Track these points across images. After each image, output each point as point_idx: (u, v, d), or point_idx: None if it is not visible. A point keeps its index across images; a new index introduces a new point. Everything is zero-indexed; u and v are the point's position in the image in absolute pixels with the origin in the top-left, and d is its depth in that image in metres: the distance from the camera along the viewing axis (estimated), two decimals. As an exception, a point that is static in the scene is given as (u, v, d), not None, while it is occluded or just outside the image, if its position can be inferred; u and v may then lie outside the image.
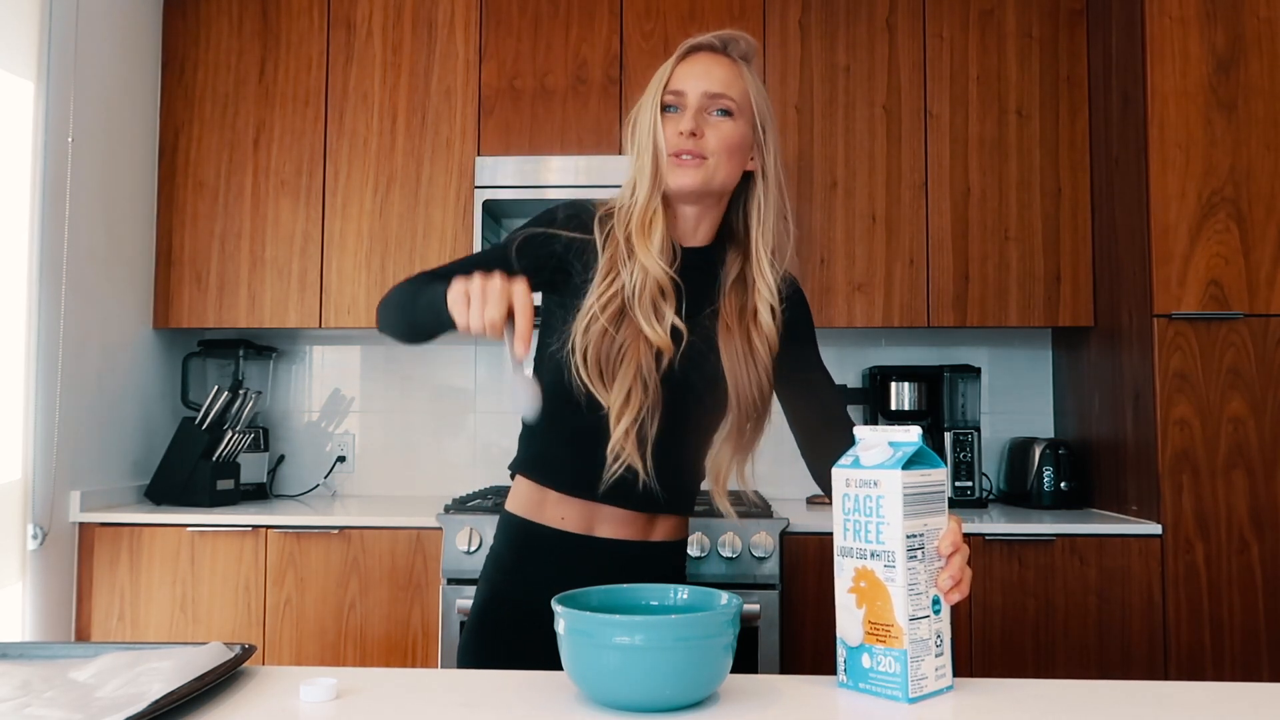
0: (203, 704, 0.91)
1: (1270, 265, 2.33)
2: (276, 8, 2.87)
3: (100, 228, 2.62)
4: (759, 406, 1.30)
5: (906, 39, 2.78)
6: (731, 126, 1.29)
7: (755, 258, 1.31)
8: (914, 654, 0.93)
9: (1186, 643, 2.29)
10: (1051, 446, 2.69)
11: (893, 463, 0.96)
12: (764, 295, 1.30)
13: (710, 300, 1.31)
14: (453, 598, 2.32)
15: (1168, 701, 0.94)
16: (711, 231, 1.34)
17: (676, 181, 1.27)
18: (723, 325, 1.30)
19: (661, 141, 1.27)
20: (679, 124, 1.27)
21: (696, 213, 1.32)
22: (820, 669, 2.30)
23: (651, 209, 1.27)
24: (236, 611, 2.47)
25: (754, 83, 1.33)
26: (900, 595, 0.94)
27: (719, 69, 1.30)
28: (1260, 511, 2.29)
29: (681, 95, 1.28)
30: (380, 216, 2.81)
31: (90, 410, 2.57)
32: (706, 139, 1.27)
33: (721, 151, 1.27)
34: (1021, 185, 2.73)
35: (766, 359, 1.29)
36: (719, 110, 1.28)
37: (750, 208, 1.33)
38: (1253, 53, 2.36)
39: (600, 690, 0.90)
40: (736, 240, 1.35)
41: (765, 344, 1.29)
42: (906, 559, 0.94)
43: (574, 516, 1.31)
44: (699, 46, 1.31)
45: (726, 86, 1.29)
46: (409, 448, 3.10)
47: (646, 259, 1.24)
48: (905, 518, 0.94)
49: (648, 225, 1.26)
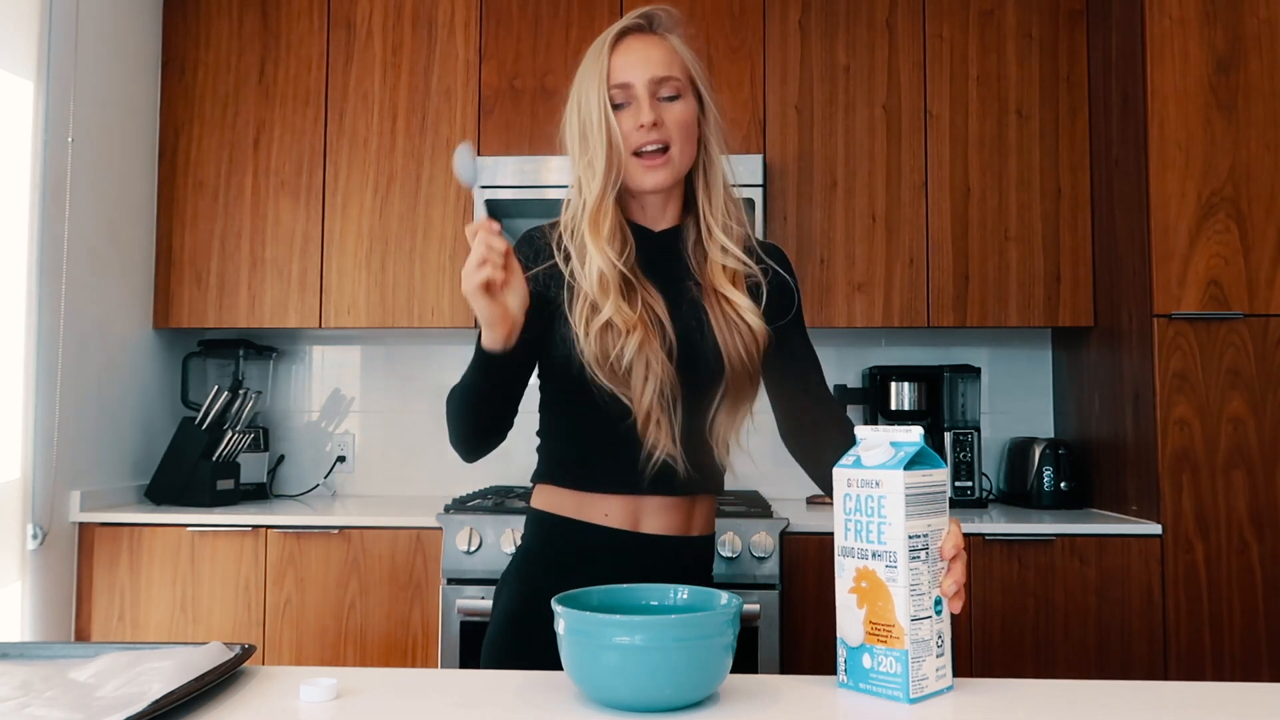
0: (203, 704, 0.91)
1: (1270, 265, 2.33)
2: (276, 8, 2.87)
3: (100, 228, 2.62)
4: (750, 370, 1.29)
5: (906, 39, 2.78)
6: (682, 107, 1.28)
7: (706, 224, 1.32)
8: (915, 654, 0.93)
9: (1186, 643, 2.29)
10: (1051, 446, 2.69)
11: (895, 463, 0.96)
12: (723, 258, 1.30)
13: (689, 275, 1.32)
14: (453, 598, 2.31)
15: (1168, 701, 0.94)
16: (678, 210, 1.36)
17: (650, 183, 1.27)
18: (706, 295, 1.30)
19: (619, 137, 1.25)
20: (636, 117, 1.25)
21: (662, 198, 1.33)
22: (820, 669, 2.30)
23: (604, 208, 1.26)
24: (236, 611, 2.47)
25: (686, 53, 1.31)
26: (902, 596, 0.94)
27: (655, 50, 1.28)
28: (1260, 511, 2.29)
29: (628, 88, 1.26)
30: (380, 216, 2.81)
31: (90, 410, 2.57)
32: (666, 126, 1.26)
33: (680, 136, 1.27)
34: (1021, 185, 2.73)
35: (748, 321, 1.28)
36: (667, 95, 1.27)
37: (696, 178, 1.34)
38: (1252, 53, 2.37)
39: (600, 690, 0.90)
40: (694, 211, 1.35)
41: (744, 307, 1.28)
42: (909, 559, 0.94)
43: (618, 512, 1.29)
44: (627, 30, 1.29)
45: (668, 68, 1.27)
46: (409, 448, 3.10)
47: (598, 255, 1.24)
48: (908, 518, 0.94)
49: (599, 221, 1.25)
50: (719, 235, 1.30)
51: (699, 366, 1.28)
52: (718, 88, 2.76)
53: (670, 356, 1.25)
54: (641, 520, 1.30)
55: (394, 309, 2.79)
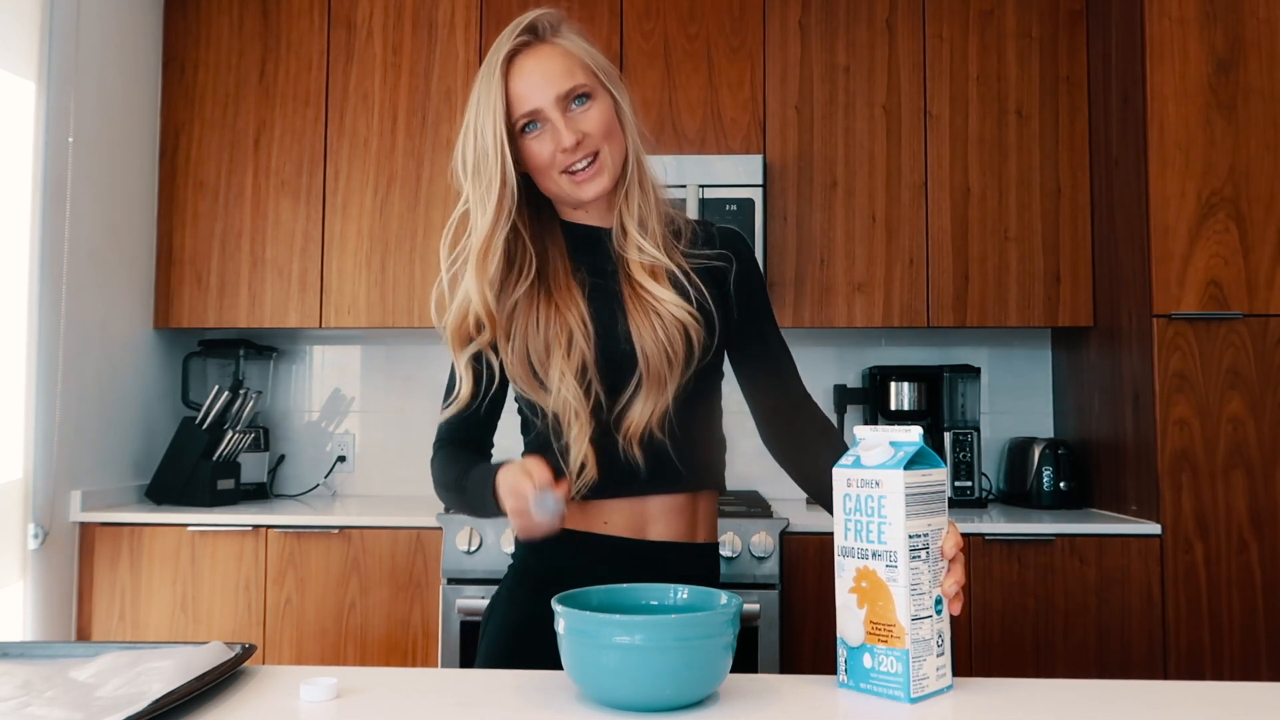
0: (203, 704, 0.91)
1: (1269, 265, 2.33)
2: (277, 8, 2.87)
3: (101, 228, 2.62)
4: (670, 358, 1.22)
5: (906, 39, 2.78)
6: (597, 110, 1.22)
7: (621, 225, 1.27)
8: (916, 654, 0.93)
9: (1186, 643, 2.29)
10: (1051, 446, 2.69)
11: (895, 463, 0.96)
12: (639, 256, 1.25)
13: (615, 270, 1.28)
14: (453, 598, 2.32)
15: (1167, 701, 0.94)
16: None
17: (589, 193, 1.23)
18: (625, 288, 1.26)
19: (511, 171, 1.20)
20: (557, 140, 1.20)
21: (603, 200, 1.28)
22: (820, 669, 2.30)
23: (493, 246, 1.21)
24: (237, 611, 2.47)
25: (582, 48, 1.24)
26: (903, 595, 0.94)
27: (552, 63, 1.21)
28: (1259, 511, 2.29)
29: (537, 112, 1.21)
30: (380, 216, 2.81)
31: (91, 410, 2.57)
32: (589, 135, 1.21)
33: (604, 137, 1.22)
34: (1021, 185, 2.73)
35: (670, 310, 1.22)
36: (577, 101, 1.22)
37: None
38: (1252, 54, 2.37)
39: (600, 690, 0.90)
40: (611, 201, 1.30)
41: (664, 299, 1.22)
42: (909, 559, 0.94)
43: (619, 518, 1.25)
44: (515, 51, 1.22)
45: (570, 76, 1.21)
46: (409, 448, 3.10)
47: (474, 290, 1.21)
48: (908, 518, 0.94)
49: (485, 262, 1.21)
50: (634, 235, 1.25)
51: (617, 359, 1.23)
52: (718, 88, 2.76)
53: (586, 357, 1.22)
54: (648, 526, 1.26)
55: (394, 309, 2.79)
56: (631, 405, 1.22)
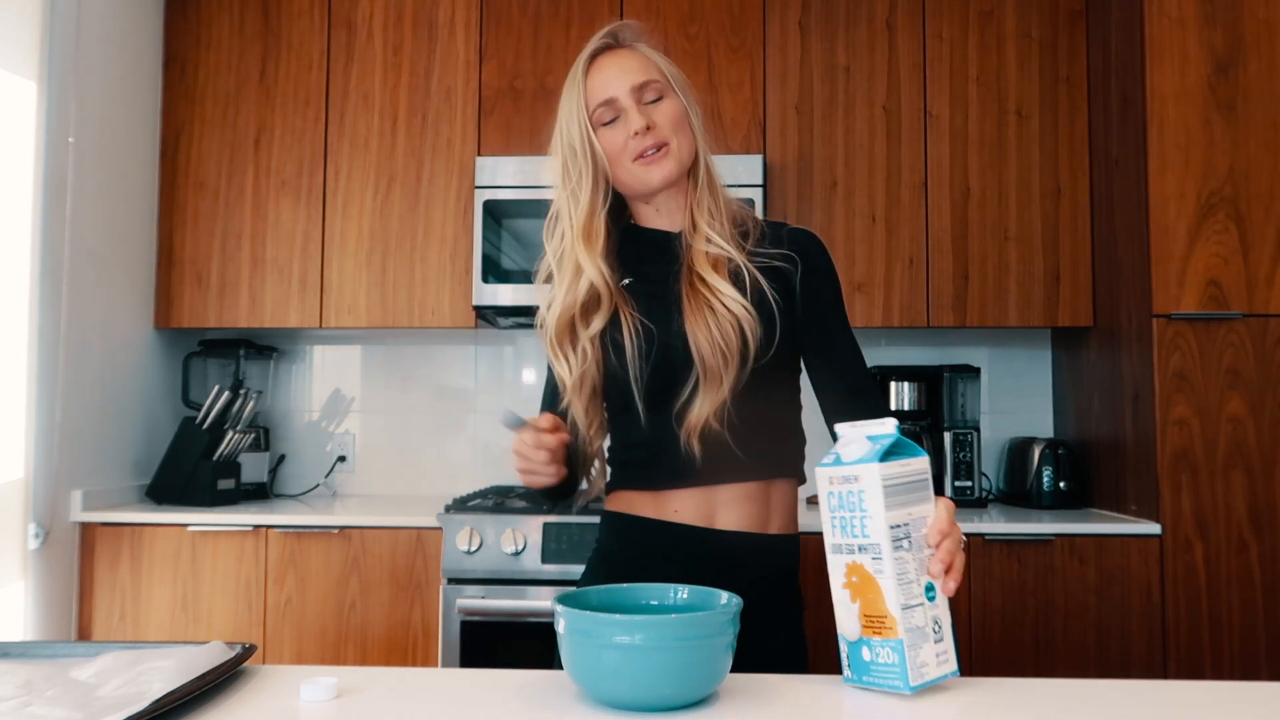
0: (203, 703, 0.91)
1: (1269, 265, 2.33)
2: (277, 8, 2.87)
3: (101, 228, 2.62)
4: (726, 355, 1.25)
5: (906, 39, 2.78)
6: (669, 104, 1.31)
7: (692, 220, 1.33)
8: (910, 642, 0.94)
9: (1186, 642, 2.29)
10: (1051, 446, 2.69)
11: (870, 456, 0.96)
12: (706, 246, 1.30)
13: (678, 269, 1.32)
14: (453, 598, 2.32)
15: (1167, 701, 0.94)
16: None
17: (658, 177, 1.29)
18: (685, 284, 1.30)
19: (602, 157, 1.29)
20: (629, 126, 1.29)
21: (677, 198, 1.34)
22: (820, 668, 2.30)
23: (595, 225, 1.30)
24: (237, 611, 2.47)
25: (659, 56, 1.34)
26: (890, 586, 0.94)
27: (630, 60, 1.31)
28: (1259, 511, 2.29)
29: (613, 102, 1.29)
30: (381, 216, 2.81)
31: (91, 410, 2.58)
32: (659, 125, 1.29)
33: (674, 131, 1.30)
34: (1021, 185, 2.73)
35: (727, 306, 1.26)
36: (651, 98, 1.30)
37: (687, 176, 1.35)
38: (1251, 54, 2.37)
39: (600, 690, 0.90)
40: None
41: (724, 293, 1.27)
42: (893, 549, 0.95)
43: (687, 507, 1.29)
44: (597, 52, 1.33)
45: (645, 73, 1.30)
46: (409, 448, 3.10)
47: (591, 268, 1.28)
48: (887, 509, 0.95)
49: (592, 237, 1.30)
50: (704, 228, 1.31)
51: (672, 356, 1.27)
52: (718, 88, 2.76)
53: (642, 353, 1.27)
54: (716, 515, 1.29)
55: (394, 309, 2.79)
56: (691, 401, 1.26)
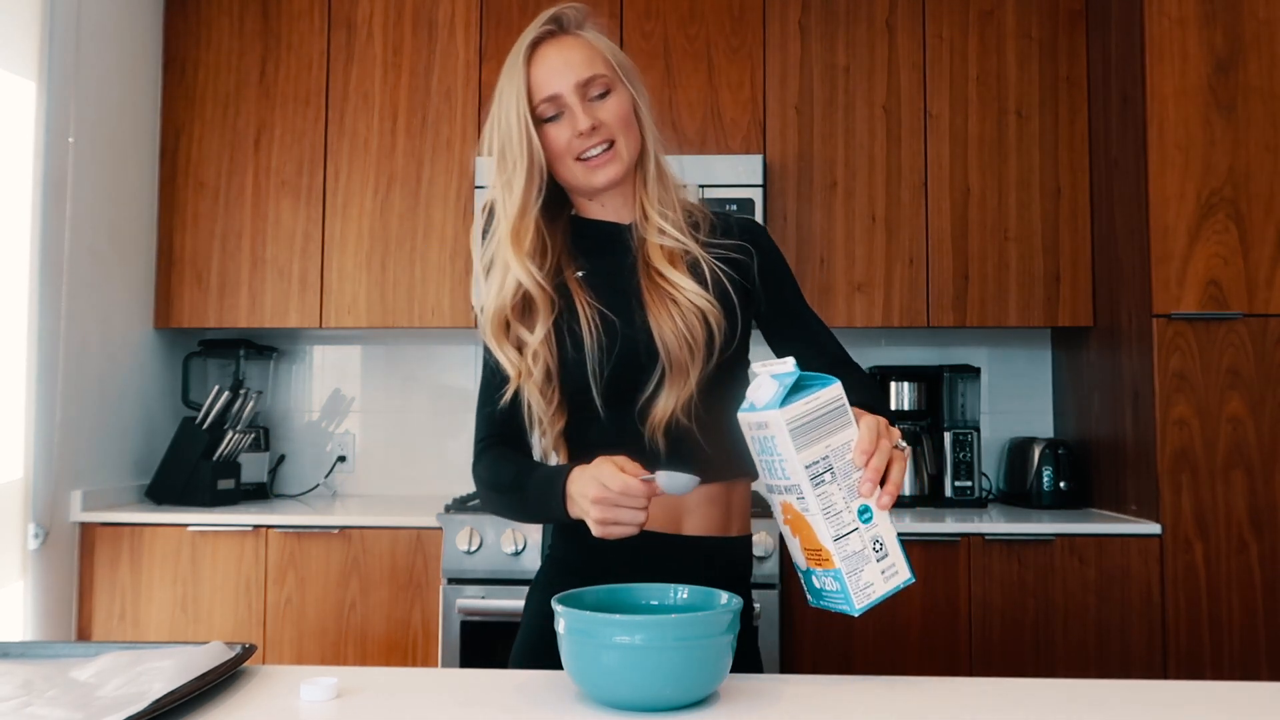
0: (203, 703, 0.91)
1: (1269, 265, 2.33)
2: (277, 8, 2.87)
3: (101, 228, 2.62)
4: (691, 347, 1.22)
5: (906, 39, 2.78)
6: (615, 101, 1.26)
7: (643, 211, 1.30)
8: (850, 569, 0.96)
9: (1186, 643, 2.29)
10: (1051, 446, 2.69)
11: (773, 402, 0.97)
12: (660, 239, 1.27)
13: (633, 263, 1.29)
14: (453, 597, 2.32)
15: (1167, 701, 0.94)
16: None
17: (601, 180, 1.26)
18: (643, 278, 1.27)
19: (539, 154, 1.24)
20: (573, 125, 1.24)
21: (624, 193, 1.31)
22: (820, 668, 2.31)
23: (525, 224, 1.24)
24: (237, 611, 2.47)
25: (605, 44, 1.29)
26: (818, 521, 0.96)
27: (574, 52, 1.25)
28: (1259, 511, 2.29)
29: (557, 98, 1.24)
30: (381, 216, 2.81)
31: (91, 410, 2.58)
32: (605, 124, 1.24)
33: (621, 129, 1.25)
34: (1021, 185, 2.73)
35: (689, 299, 1.23)
36: (597, 93, 1.25)
37: (636, 168, 1.31)
38: (1251, 53, 2.37)
39: (600, 690, 0.90)
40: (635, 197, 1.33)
41: (684, 286, 1.24)
42: (814, 486, 0.96)
43: (654, 513, 1.19)
44: (540, 40, 1.26)
45: (591, 66, 1.25)
46: (409, 448, 3.10)
47: (519, 269, 1.23)
48: (799, 450, 0.96)
49: (520, 236, 1.24)
50: (655, 219, 1.28)
51: (637, 351, 1.24)
52: (718, 88, 2.76)
53: (603, 346, 1.23)
54: (683, 519, 1.26)
55: (394, 309, 2.79)
56: (656, 397, 1.23)
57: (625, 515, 1.06)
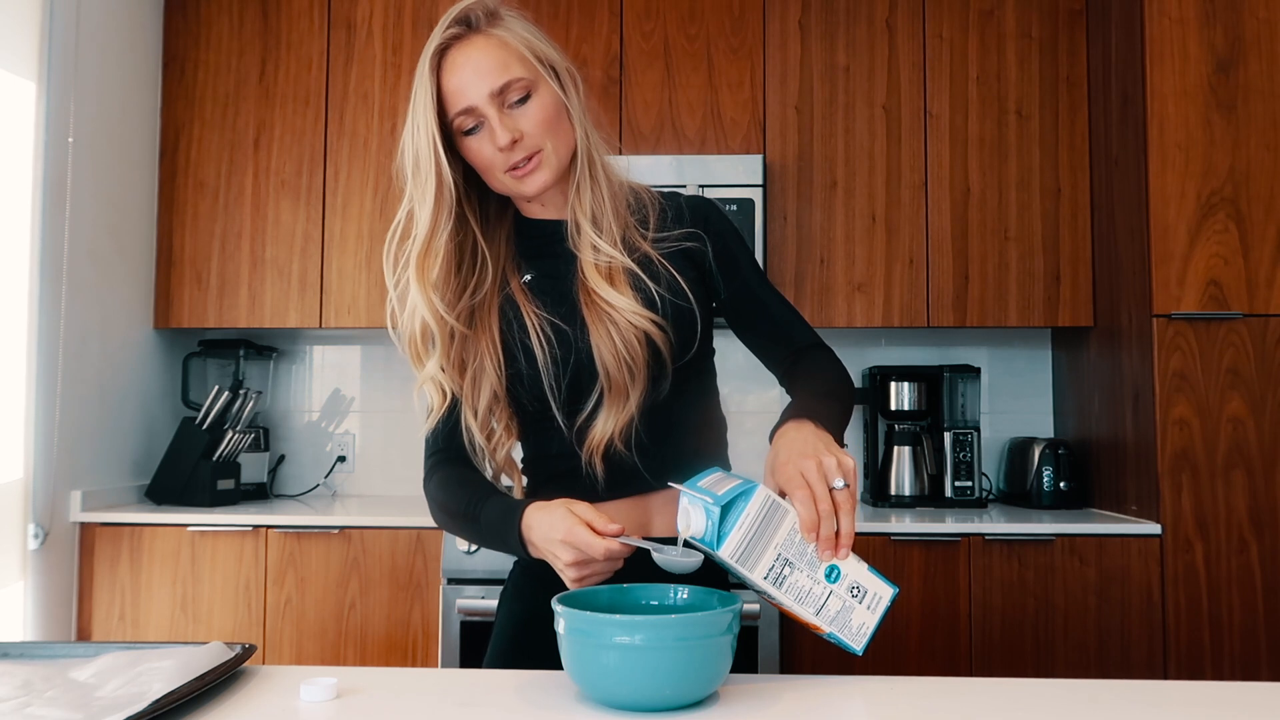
0: (203, 703, 0.91)
1: (1269, 265, 2.33)
2: (277, 8, 2.87)
3: (101, 228, 2.62)
4: (632, 369, 1.16)
5: (906, 39, 2.78)
6: (537, 105, 1.14)
7: (575, 221, 1.20)
8: (839, 624, 0.98)
9: (1186, 643, 2.29)
10: (1051, 446, 2.69)
11: (709, 537, 0.96)
12: (594, 257, 1.19)
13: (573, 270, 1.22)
14: (453, 598, 2.32)
15: (1168, 701, 0.94)
16: None
17: (531, 189, 1.16)
18: (581, 295, 1.19)
19: (447, 171, 1.13)
20: (494, 140, 1.13)
21: (560, 190, 1.23)
22: (820, 669, 2.30)
23: (433, 249, 1.15)
24: (237, 611, 2.47)
25: (521, 37, 1.16)
26: (795, 608, 0.98)
27: (485, 57, 1.13)
28: (1259, 511, 2.29)
29: (472, 110, 1.13)
30: (380, 216, 2.81)
31: (91, 410, 2.57)
32: (528, 134, 1.14)
33: (546, 133, 1.15)
34: (1021, 185, 2.73)
35: (628, 319, 1.16)
36: (516, 98, 1.14)
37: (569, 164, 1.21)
38: (1252, 53, 2.37)
39: (600, 690, 0.90)
40: None
41: (622, 308, 1.16)
42: (778, 588, 0.97)
43: (622, 519, 1.14)
44: (447, 45, 1.14)
45: (506, 70, 1.13)
46: (409, 448, 3.10)
47: (423, 303, 1.15)
48: (751, 569, 0.96)
49: (427, 266, 1.15)
50: (588, 232, 1.19)
51: (575, 371, 1.19)
52: (718, 88, 2.76)
53: (556, 359, 1.18)
54: (652, 523, 1.24)
55: (394, 309, 2.78)
56: (594, 418, 1.18)
57: (601, 568, 1.02)
